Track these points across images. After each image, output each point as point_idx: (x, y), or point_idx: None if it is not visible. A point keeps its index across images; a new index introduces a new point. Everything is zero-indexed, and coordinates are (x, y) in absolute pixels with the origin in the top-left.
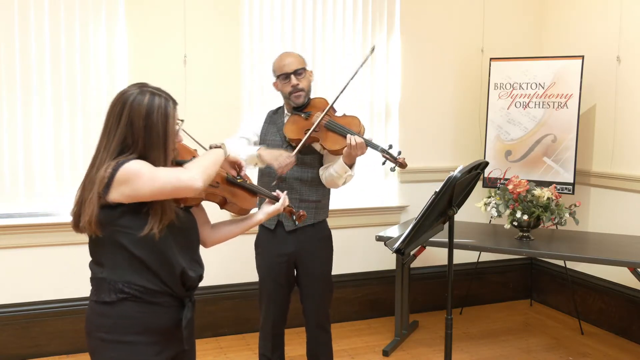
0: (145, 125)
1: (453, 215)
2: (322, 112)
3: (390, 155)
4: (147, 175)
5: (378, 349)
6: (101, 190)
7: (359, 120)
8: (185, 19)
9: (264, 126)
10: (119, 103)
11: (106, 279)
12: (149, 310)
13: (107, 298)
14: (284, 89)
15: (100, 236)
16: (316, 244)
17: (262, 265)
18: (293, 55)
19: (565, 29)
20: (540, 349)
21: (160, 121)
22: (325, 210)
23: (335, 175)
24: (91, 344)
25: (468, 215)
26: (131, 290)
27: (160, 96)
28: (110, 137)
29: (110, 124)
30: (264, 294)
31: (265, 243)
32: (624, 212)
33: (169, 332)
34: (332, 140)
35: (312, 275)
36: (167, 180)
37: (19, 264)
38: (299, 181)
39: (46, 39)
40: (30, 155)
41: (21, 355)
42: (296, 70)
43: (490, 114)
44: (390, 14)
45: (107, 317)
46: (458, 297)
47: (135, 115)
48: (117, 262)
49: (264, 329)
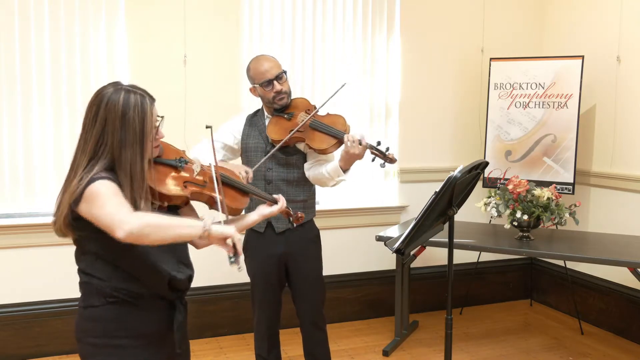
0: (121, 124)
1: (453, 215)
2: (305, 112)
3: (379, 151)
4: (101, 200)
5: (378, 349)
6: (71, 202)
7: (344, 118)
8: (185, 19)
9: (245, 129)
10: (94, 104)
11: (93, 284)
12: (138, 314)
13: (97, 302)
14: (266, 94)
15: (78, 239)
16: (306, 244)
17: (253, 267)
18: (270, 60)
19: (565, 29)
20: (540, 349)
21: (137, 118)
22: (313, 209)
23: (327, 176)
24: (82, 350)
25: (468, 215)
26: (120, 295)
27: (135, 93)
28: (88, 139)
29: (86, 126)
30: (256, 295)
31: (254, 245)
32: (624, 212)
33: (160, 335)
34: (319, 140)
35: (304, 275)
36: (106, 212)
37: (19, 264)
38: (285, 182)
39: (46, 39)
40: (30, 155)
41: (21, 355)
42: (278, 75)
43: (490, 114)
44: (390, 14)
45: (97, 321)
46: (458, 297)
47: (111, 114)
48: (99, 266)
49: (258, 330)
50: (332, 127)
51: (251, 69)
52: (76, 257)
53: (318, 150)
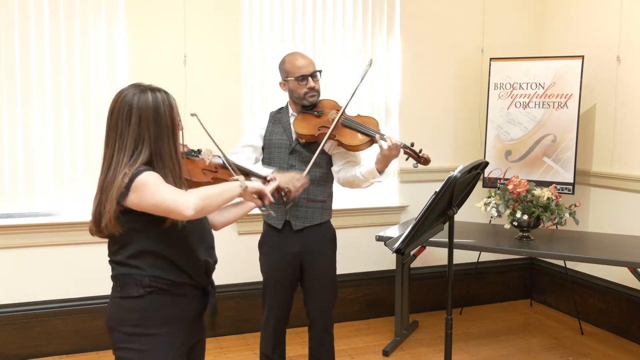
0: (154, 119)
1: (453, 215)
2: (335, 110)
3: (413, 152)
4: (152, 187)
5: (378, 349)
6: (118, 196)
7: (376, 120)
8: (185, 19)
9: (269, 126)
10: (124, 106)
11: (132, 275)
12: (174, 302)
13: (135, 293)
14: (298, 89)
15: (122, 233)
16: (322, 244)
17: (267, 265)
18: (307, 57)
19: (565, 29)
20: (540, 349)
21: (167, 112)
22: (330, 211)
23: (361, 178)
24: (115, 338)
25: (468, 215)
26: (158, 284)
27: (160, 91)
28: (124, 139)
29: (120, 127)
30: (268, 293)
31: (271, 242)
32: (624, 212)
33: (191, 322)
34: (350, 136)
35: (318, 276)
36: (165, 198)
37: (19, 264)
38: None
39: (46, 40)
40: (30, 155)
41: (21, 355)
42: (313, 73)
43: (490, 114)
44: (390, 14)
45: (135, 310)
46: (458, 297)
47: (144, 112)
48: (141, 259)
49: (266, 328)
50: (364, 125)
51: (287, 62)
52: (112, 251)
53: (349, 146)
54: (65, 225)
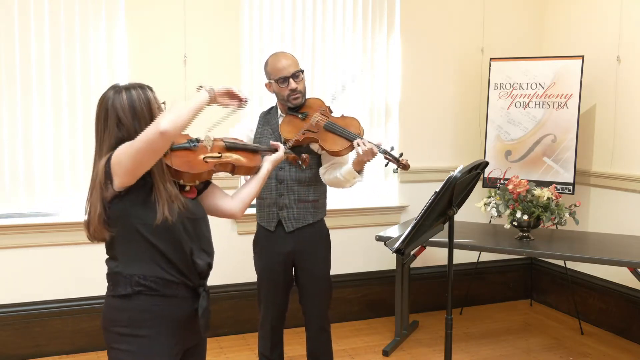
0: (132, 117)
1: (453, 215)
2: (319, 113)
3: (393, 157)
4: (126, 148)
5: (378, 349)
6: (104, 181)
7: (358, 121)
8: (185, 19)
9: (258, 128)
10: (101, 110)
11: (122, 273)
12: (164, 303)
13: (123, 291)
14: (281, 91)
15: (115, 237)
16: (315, 243)
17: (260, 265)
18: (289, 57)
19: (565, 29)
20: (540, 349)
21: (145, 107)
22: (323, 209)
23: (341, 179)
24: (108, 338)
25: (468, 215)
26: (147, 283)
27: (134, 88)
28: (104, 142)
29: (99, 131)
30: (263, 293)
31: (264, 242)
32: (624, 212)
33: (183, 325)
34: (332, 142)
35: (312, 275)
36: (140, 139)
37: (19, 264)
38: (297, 182)
39: (46, 39)
40: (30, 155)
41: (21, 355)
42: (294, 74)
43: (490, 114)
44: (390, 14)
45: (123, 310)
46: (458, 297)
47: (121, 113)
48: (132, 254)
49: (263, 328)
50: (345, 129)
51: (269, 64)
52: (106, 250)
53: (330, 152)
54: (65, 225)
